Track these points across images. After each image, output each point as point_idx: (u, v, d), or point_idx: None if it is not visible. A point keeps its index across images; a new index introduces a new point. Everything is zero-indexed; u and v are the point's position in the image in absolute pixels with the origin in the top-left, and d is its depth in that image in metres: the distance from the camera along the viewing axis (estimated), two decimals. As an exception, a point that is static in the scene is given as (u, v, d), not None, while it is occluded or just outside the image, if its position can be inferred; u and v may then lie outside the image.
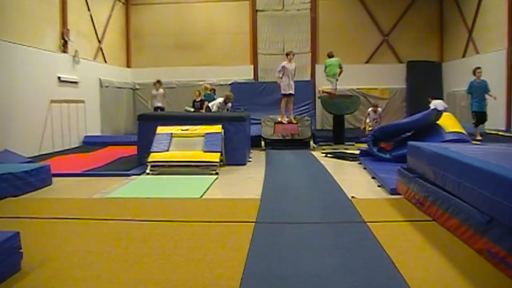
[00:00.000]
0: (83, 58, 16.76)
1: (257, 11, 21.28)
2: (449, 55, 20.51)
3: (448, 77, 20.15)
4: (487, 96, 14.07)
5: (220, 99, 15.63)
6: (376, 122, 16.68)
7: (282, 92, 15.29)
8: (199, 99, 17.03)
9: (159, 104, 18.01)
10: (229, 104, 15.87)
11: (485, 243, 4.34)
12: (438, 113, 10.95)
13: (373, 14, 21.09)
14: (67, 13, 15.81)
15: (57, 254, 4.69)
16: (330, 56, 16.53)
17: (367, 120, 17.51)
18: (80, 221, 6.07)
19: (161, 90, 18.14)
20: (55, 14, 15.36)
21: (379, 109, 17.57)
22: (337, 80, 16.37)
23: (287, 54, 15.39)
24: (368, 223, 5.71)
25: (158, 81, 18.18)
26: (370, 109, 17.57)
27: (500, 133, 14.54)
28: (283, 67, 15.01)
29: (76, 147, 15.62)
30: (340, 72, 16.28)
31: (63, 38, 15.58)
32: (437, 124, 10.56)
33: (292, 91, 15.30)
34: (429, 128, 10.54)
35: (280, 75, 15.01)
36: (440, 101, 16.26)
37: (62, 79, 15.20)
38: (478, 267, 4.22)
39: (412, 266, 4.25)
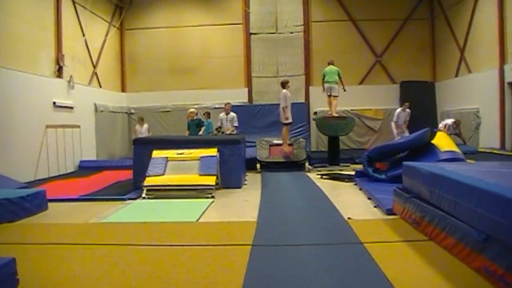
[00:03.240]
0: (78, 83, 16.82)
1: (250, 34, 21.47)
2: (442, 74, 20.66)
3: (442, 96, 20.28)
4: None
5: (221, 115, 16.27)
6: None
7: (286, 121, 14.98)
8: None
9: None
10: (231, 114, 16.08)
11: (483, 262, 4.34)
12: (432, 132, 10.99)
13: (366, 35, 21.29)
14: (62, 38, 15.93)
15: (54, 280, 4.67)
16: (330, 63, 16.38)
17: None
18: (76, 246, 6.04)
19: (145, 126, 18.20)
20: (50, 39, 15.49)
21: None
22: (343, 88, 16.17)
23: (287, 83, 15.11)
24: (365, 244, 5.70)
25: (141, 118, 18.21)
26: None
27: (495, 151, 14.56)
28: (287, 96, 14.77)
29: (72, 172, 15.61)
30: (341, 81, 16.07)
31: (58, 63, 15.67)
32: (432, 144, 10.58)
33: (292, 120, 15.25)
34: (423, 148, 10.56)
35: (287, 105, 14.77)
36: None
37: (57, 104, 15.25)
38: (476, 286, 4.21)
39: (410, 286, 4.25)
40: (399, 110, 17.02)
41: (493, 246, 4.20)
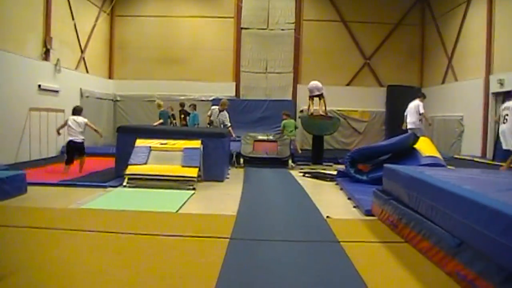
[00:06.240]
0: (65, 67, 16.69)
1: (241, 28, 21.43)
2: (429, 81, 20.81)
3: (427, 102, 20.26)
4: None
5: (213, 108, 15.57)
6: None
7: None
8: (171, 113, 17.28)
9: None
10: (225, 113, 14.97)
11: (456, 266, 4.41)
12: (416, 137, 11.10)
13: (356, 38, 21.35)
14: (51, 20, 15.77)
15: (29, 264, 4.66)
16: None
17: None
18: (54, 231, 6.01)
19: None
20: (38, 21, 15.32)
21: None
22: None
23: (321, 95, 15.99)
24: (342, 243, 5.75)
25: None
26: None
27: (476, 159, 14.69)
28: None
29: (54, 157, 15.46)
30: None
31: (46, 46, 15.51)
32: (414, 148, 10.68)
33: None
34: (406, 152, 10.65)
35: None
36: None
37: (43, 87, 15.12)
38: (447, 289, 4.28)
39: (383, 286, 4.31)
40: (420, 102, 15.23)
41: (466, 251, 4.27)
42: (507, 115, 10.91)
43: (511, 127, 10.84)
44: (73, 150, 11.67)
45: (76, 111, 12.20)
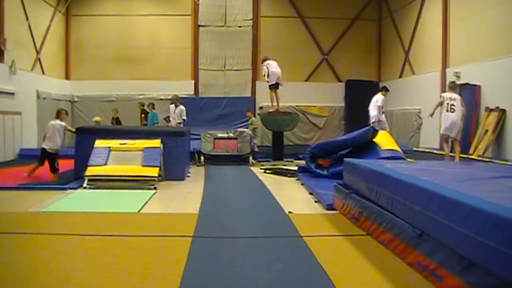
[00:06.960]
0: (20, 69, 16.32)
1: (199, 26, 21.27)
2: (387, 75, 21.04)
3: (386, 96, 20.63)
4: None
5: (171, 106, 15.55)
6: None
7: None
8: (116, 116, 17.69)
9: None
10: (180, 107, 15.17)
11: (417, 256, 4.48)
12: (375, 131, 11.23)
13: (314, 33, 21.45)
14: (4, 21, 15.38)
15: (-12, 269, 4.56)
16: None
17: None
18: (14, 236, 5.89)
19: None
20: (-9, 22, 14.94)
21: None
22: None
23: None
24: (304, 238, 5.78)
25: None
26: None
27: (434, 151, 14.93)
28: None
29: (11, 160, 15.17)
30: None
31: (0, 47, 15.15)
32: (374, 142, 10.79)
33: None
34: (366, 146, 10.76)
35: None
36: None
37: (-3, 89, 14.76)
38: (410, 279, 4.35)
39: (347, 280, 4.34)
40: (381, 95, 15.62)
41: (426, 242, 4.34)
42: (453, 105, 11.32)
43: (458, 118, 11.52)
44: (44, 157, 11.27)
45: (56, 114, 11.77)
